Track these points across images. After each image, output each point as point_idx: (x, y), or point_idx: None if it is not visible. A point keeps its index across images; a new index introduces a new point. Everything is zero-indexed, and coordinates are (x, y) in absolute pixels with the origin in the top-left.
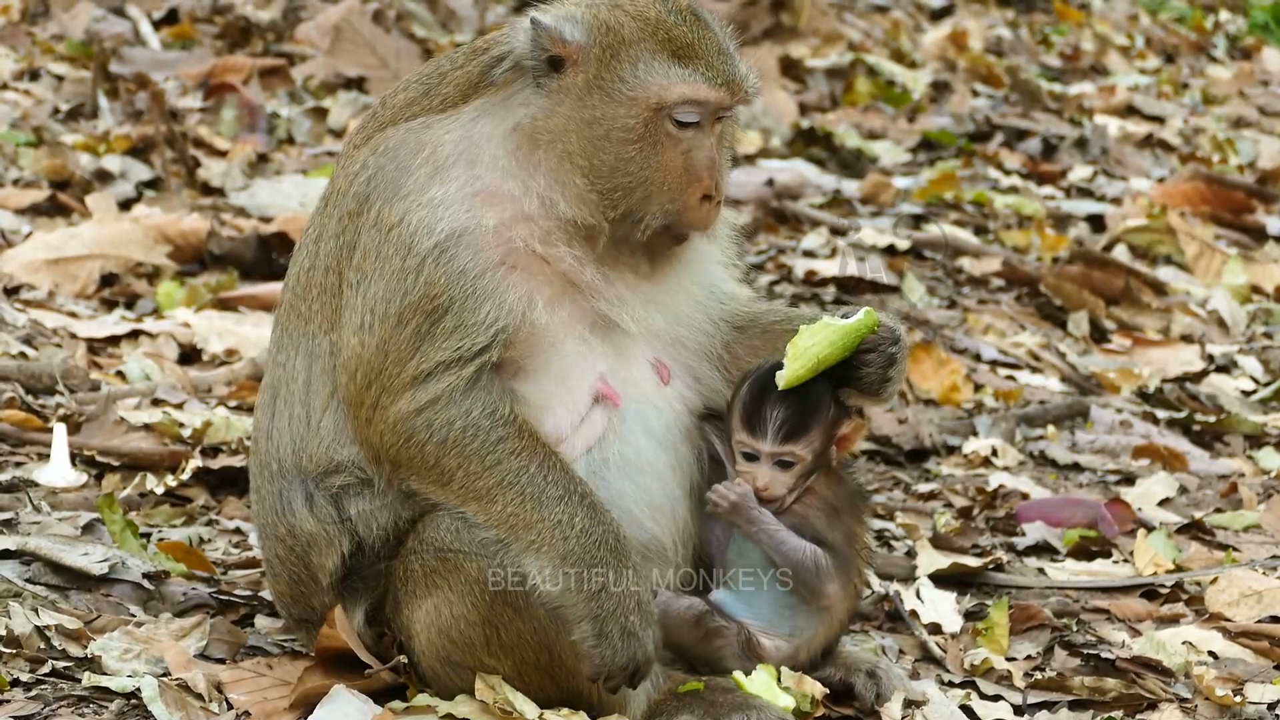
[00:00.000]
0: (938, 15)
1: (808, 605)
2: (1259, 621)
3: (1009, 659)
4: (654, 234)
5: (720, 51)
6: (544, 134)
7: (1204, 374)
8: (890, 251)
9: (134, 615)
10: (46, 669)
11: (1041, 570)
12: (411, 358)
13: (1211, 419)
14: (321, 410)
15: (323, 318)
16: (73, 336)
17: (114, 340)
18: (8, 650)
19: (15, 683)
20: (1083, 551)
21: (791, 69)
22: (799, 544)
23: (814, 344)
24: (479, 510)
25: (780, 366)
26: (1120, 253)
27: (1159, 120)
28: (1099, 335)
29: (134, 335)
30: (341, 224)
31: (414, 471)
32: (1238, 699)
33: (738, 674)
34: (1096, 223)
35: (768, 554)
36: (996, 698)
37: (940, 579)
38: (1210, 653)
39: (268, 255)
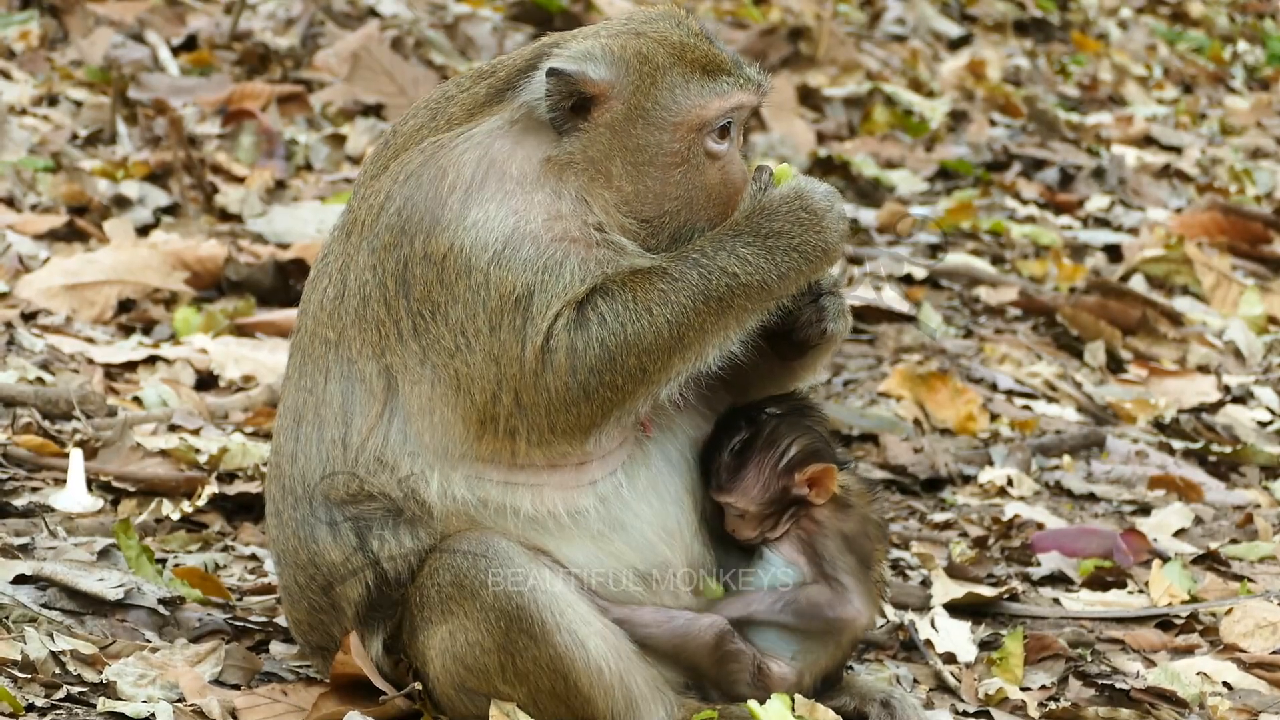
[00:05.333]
0: (956, 45)
1: (831, 637)
2: (1274, 653)
3: (1024, 689)
4: None
5: (734, 59)
6: (580, 164)
7: (1220, 404)
8: (907, 280)
9: (149, 641)
10: (61, 694)
11: (1056, 600)
12: (523, 348)
13: (1227, 450)
14: (367, 431)
15: (363, 342)
16: (90, 362)
17: (131, 366)
18: (23, 675)
19: (30, 708)
20: (1098, 582)
21: (809, 98)
22: (787, 598)
23: None
24: (683, 357)
25: (735, 411)
26: (1137, 283)
27: (1176, 150)
28: (1115, 365)
29: (151, 361)
30: (376, 256)
31: (614, 408)
32: None
33: (752, 703)
34: (1113, 253)
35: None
36: None
37: (955, 608)
38: (1225, 684)
39: (285, 282)
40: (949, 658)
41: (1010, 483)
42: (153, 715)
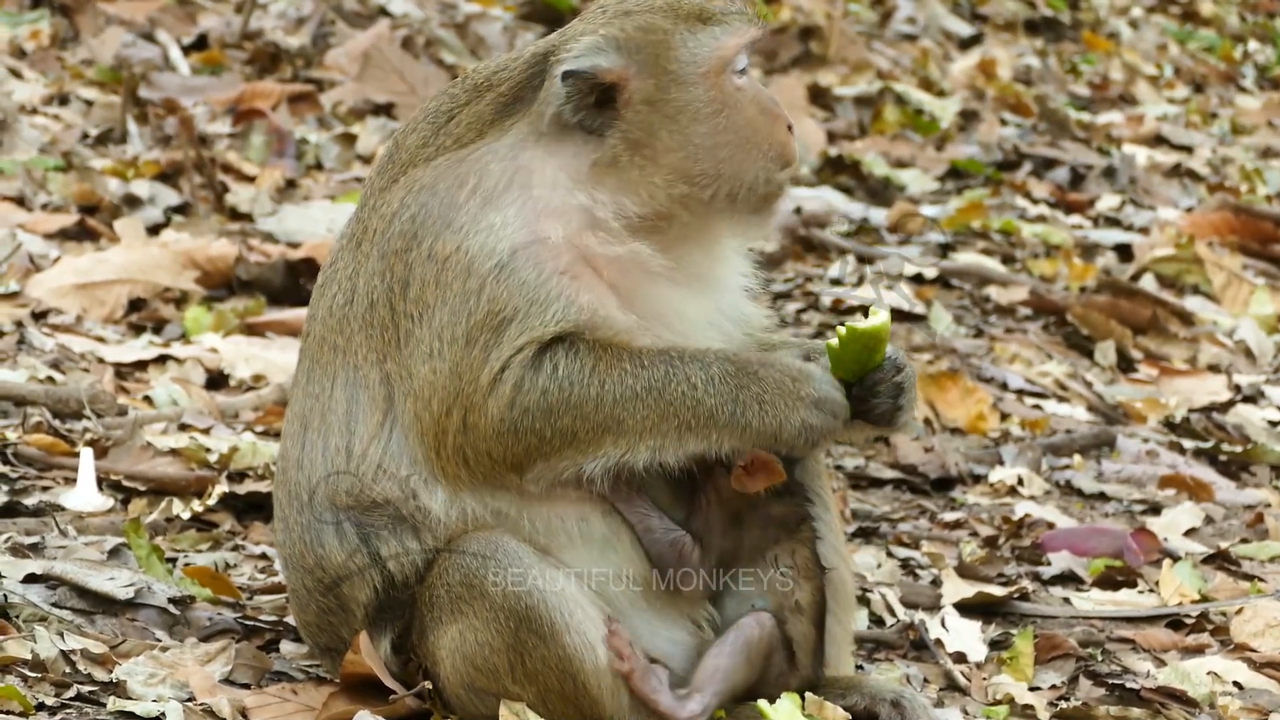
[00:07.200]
0: (966, 44)
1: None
2: None
3: (1034, 688)
4: (771, 190)
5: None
6: (625, 155)
7: (1231, 404)
8: (918, 280)
9: (159, 640)
10: (71, 693)
11: (1067, 600)
12: (483, 369)
13: (1238, 449)
14: (368, 439)
15: (369, 349)
16: (100, 361)
17: (141, 365)
18: (33, 674)
19: (40, 707)
20: (1108, 581)
21: (820, 97)
22: (664, 526)
23: (842, 349)
24: (614, 441)
25: None
26: (1147, 282)
27: (1187, 150)
28: (1126, 365)
29: (161, 360)
30: (386, 262)
31: (538, 457)
32: None
33: (762, 702)
34: (1124, 252)
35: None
36: None
37: (965, 608)
38: (1235, 683)
39: (295, 281)
40: (959, 657)
41: (1020, 482)
42: (163, 714)
